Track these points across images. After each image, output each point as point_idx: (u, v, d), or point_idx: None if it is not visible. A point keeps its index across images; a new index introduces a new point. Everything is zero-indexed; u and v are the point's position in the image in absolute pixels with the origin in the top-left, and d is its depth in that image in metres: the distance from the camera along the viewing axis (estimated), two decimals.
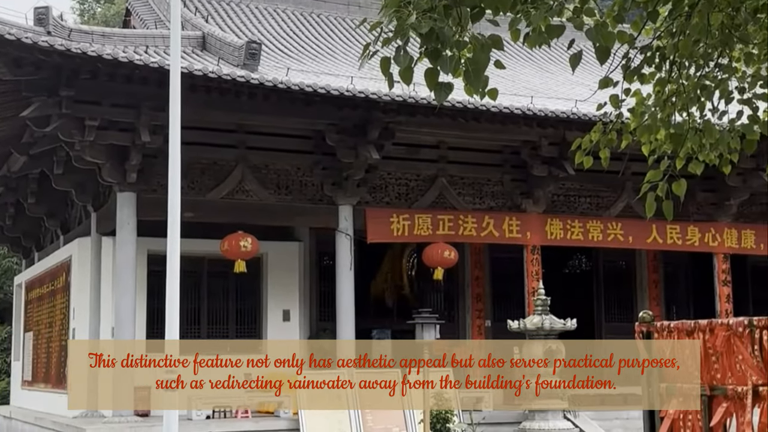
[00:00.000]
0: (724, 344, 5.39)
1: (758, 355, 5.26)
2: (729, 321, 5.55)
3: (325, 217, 16.09)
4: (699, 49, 6.67)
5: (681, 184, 6.71)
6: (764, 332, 5.24)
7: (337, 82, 15.03)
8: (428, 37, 4.87)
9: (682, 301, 20.85)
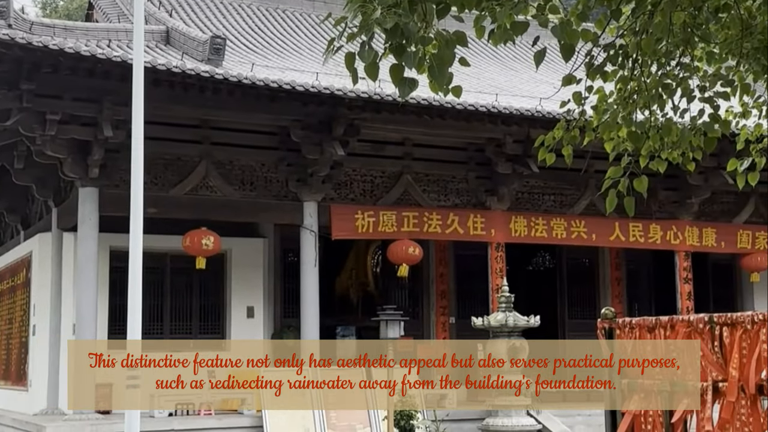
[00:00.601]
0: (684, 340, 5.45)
1: (718, 351, 5.32)
2: (689, 318, 5.61)
3: (289, 213, 16.03)
4: (661, 48, 6.72)
5: (642, 180, 6.78)
6: (724, 328, 5.30)
7: (303, 78, 14.98)
8: (393, 32, 4.85)
9: (644, 299, 21.04)
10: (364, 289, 20.86)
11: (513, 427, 14.21)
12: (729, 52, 7.14)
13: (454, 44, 5.05)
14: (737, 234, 19.04)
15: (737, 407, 5.16)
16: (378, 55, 4.95)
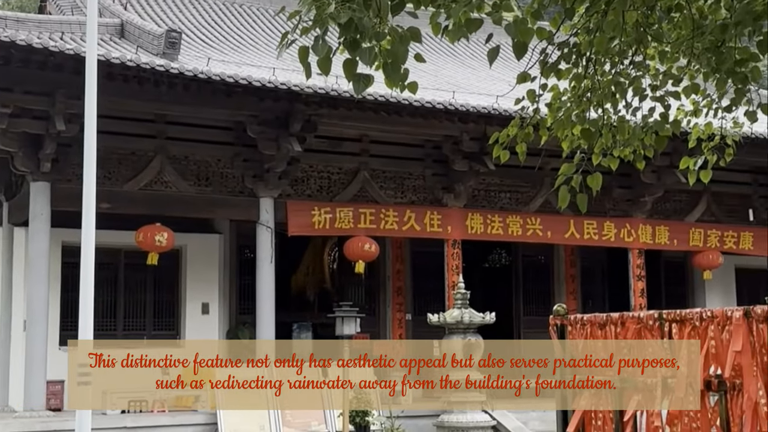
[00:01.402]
0: (634, 337, 5.51)
1: (667, 348, 5.38)
2: (640, 314, 5.67)
3: (245, 209, 15.94)
4: (615, 47, 6.79)
5: (595, 177, 6.84)
6: (673, 325, 5.37)
7: (259, 73, 14.89)
8: (347, 27, 4.84)
9: (598, 296, 21.25)
10: (321, 286, 20.82)
11: (467, 423, 14.27)
12: (680, 51, 7.23)
13: (409, 40, 5.05)
14: (689, 232, 19.30)
15: (685, 403, 5.22)
16: (332, 50, 4.94)
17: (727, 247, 19.57)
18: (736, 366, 4.95)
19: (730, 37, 6.70)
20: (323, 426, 14.37)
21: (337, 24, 4.84)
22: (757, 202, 19.93)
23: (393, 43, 5.06)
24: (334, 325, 13.40)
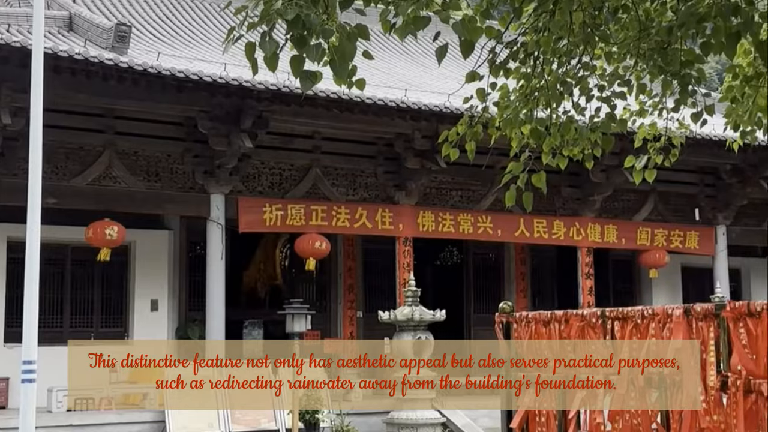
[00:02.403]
0: (578, 334, 5.57)
1: (610, 345, 5.45)
2: (583, 312, 5.74)
3: (196, 205, 15.81)
4: (562, 47, 6.85)
5: (540, 176, 6.89)
6: (615, 323, 5.44)
7: (211, 68, 14.77)
8: (294, 23, 4.82)
9: (547, 293, 21.45)
10: (272, 283, 20.74)
11: (417, 420, 14.29)
12: (627, 52, 7.32)
13: (356, 37, 5.04)
14: (637, 231, 19.56)
15: (626, 400, 5.30)
16: (279, 46, 4.91)
17: (673, 246, 19.87)
18: (674, 363, 5.03)
19: (676, 39, 6.81)
20: (273, 423, 14.32)
21: (284, 20, 4.82)
22: (703, 201, 20.27)
23: (341, 40, 5.05)
24: (285, 322, 13.35)
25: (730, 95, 7.92)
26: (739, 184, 19.84)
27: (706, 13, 5.61)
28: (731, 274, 20.99)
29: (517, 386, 6.07)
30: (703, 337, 4.89)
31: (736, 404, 4.59)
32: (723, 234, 20.22)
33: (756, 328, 4.60)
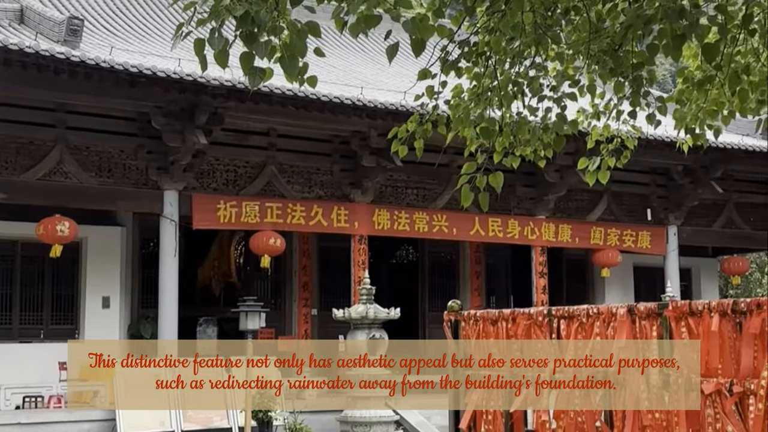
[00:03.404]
0: (525, 333, 5.61)
1: (556, 344, 5.49)
2: (530, 311, 5.77)
3: (148, 202, 15.64)
4: (514, 47, 6.88)
5: (497, 176, 6.91)
6: (561, 321, 5.48)
7: (165, 63, 14.62)
8: (243, 20, 4.79)
9: (502, 292, 21.58)
10: (227, 280, 20.63)
11: (371, 417, 14.28)
12: (578, 53, 7.37)
13: (306, 34, 5.02)
14: (591, 231, 19.75)
15: (572, 398, 5.34)
16: (228, 43, 4.88)
17: (626, 245, 20.09)
18: (619, 362, 5.08)
19: (627, 41, 6.87)
20: (225, 422, 14.24)
21: (233, 16, 4.78)
22: (655, 202, 20.52)
23: (291, 37, 5.03)
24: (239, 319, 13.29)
25: (679, 97, 8.01)
26: (690, 185, 20.13)
27: (652, 16, 5.67)
28: (682, 274, 21.29)
29: (465, 386, 6.09)
30: (646, 336, 4.95)
31: (677, 402, 4.67)
32: (674, 234, 20.50)
33: (697, 327, 4.67)
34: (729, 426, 4.59)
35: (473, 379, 6.03)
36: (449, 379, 6.31)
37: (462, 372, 6.16)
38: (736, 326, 4.67)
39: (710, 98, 7.84)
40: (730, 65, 7.51)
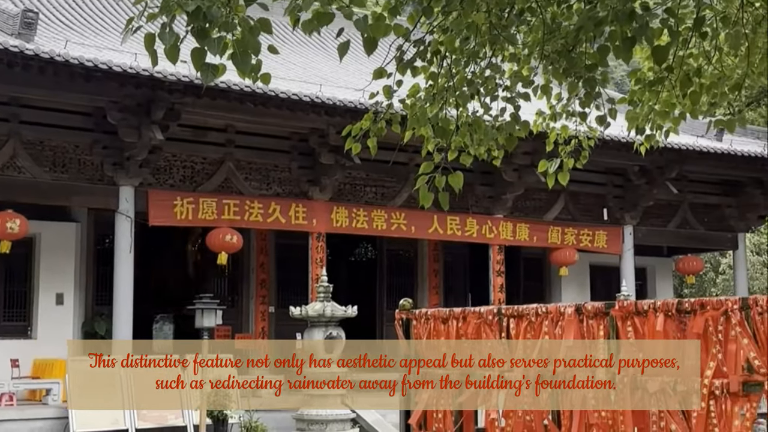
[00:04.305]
0: (474, 331, 5.63)
1: (506, 344, 5.53)
2: (480, 309, 5.80)
3: (104, 197, 15.48)
4: (469, 47, 6.90)
5: (458, 176, 6.92)
6: (511, 320, 5.52)
7: (121, 58, 14.46)
8: (195, 15, 4.75)
9: (459, 290, 21.66)
10: (184, 277, 20.49)
11: (327, 416, 14.27)
12: (533, 54, 7.41)
13: (259, 31, 5.00)
14: (548, 230, 19.90)
15: (520, 398, 5.38)
16: (179, 38, 4.84)
17: (583, 245, 20.27)
18: (567, 360, 5.12)
19: (581, 42, 6.92)
20: (180, 420, 14.13)
21: (184, 12, 4.75)
22: (611, 202, 20.73)
23: (243, 33, 5.00)
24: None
25: (631, 99, 8.10)
26: (646, 185, 20.35)
27: (603, 18, 5.72)
28: (637, 273, 21.53)
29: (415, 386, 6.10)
30: (594, 335, 5.00)
31: (623, 401, 4.72)
32: (630, 234, 20.73)
33: (643, 327, 4.73)
34: (673, 424, 4.66)
35: (423, 378, 6.04)
36: (400, 379, 6.32)
37: (413, 372, 6.17)
38: (680, 326, 4.74)
39: (661, 99, 7.93)
40: (682, 67, 7.61)
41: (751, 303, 4.54)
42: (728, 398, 4.48)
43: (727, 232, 22.48)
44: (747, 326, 4.53)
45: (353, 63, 21.81)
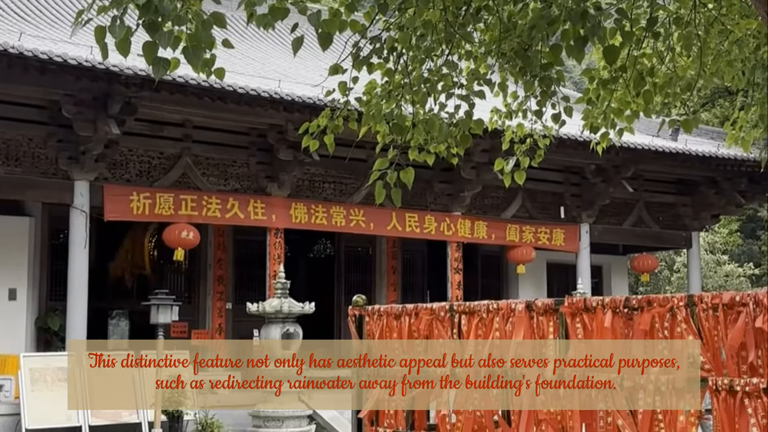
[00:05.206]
0: (427, 328, 5.65)
1: (458, 342, 5.55)
2: (432, 306, 5.82)
3: (58, 192, 15.28)
4: (426, 44, 6.92)
5: (408, 172, 6.95)
6: (463, 316, 5.54)
7: (77, 51, 14.26)
8: (146, 8, 4.71)
9: (418, 287, 21.71)
10: (140, 273, 20.31)
11: (283, 413, 14.27)
12: (490, 52, 7.45)
13: (211, 25, 4.97)
14: (506, 228, 20.00)
15: (470, 396, 5.41)
16: (131, 31, 4.79)
17: (541, 242, 20.41)
18: (517, 358, 5.16)
19: (537, 41, 6.97)
20: (135, 417, 14.02)
21: (136, 5, 4.71)
22: (568, 200, 20.90)
23: (196, 27, 4.97)
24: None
25: (587, 97, 8.17)
26: (602, 183, 20.55)
27: (556, 17, 5.77)
28: (593, 271, 21.74)
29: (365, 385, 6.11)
30: (543, 332, 5.04)
31: (571, 397, 4.77)
32: (586, 232, 20.92)
33: (591, 323, 4.78)
34: (619, 420, 4.71)
35: (375, 376, 6.05)
36: (351, 378, 6.32)
37: (365, 371, 6.17)
38: (628, 323, 4.79)
39: (616, 98, 8.02)
40: (635, 67, 7.70)
41: (697, 300, 4.61)
42: (673, 394, 4.55)
43: (681, 231, 22.78)
44: (692, 323, 4.60)
45: (312, 59, 21.72)
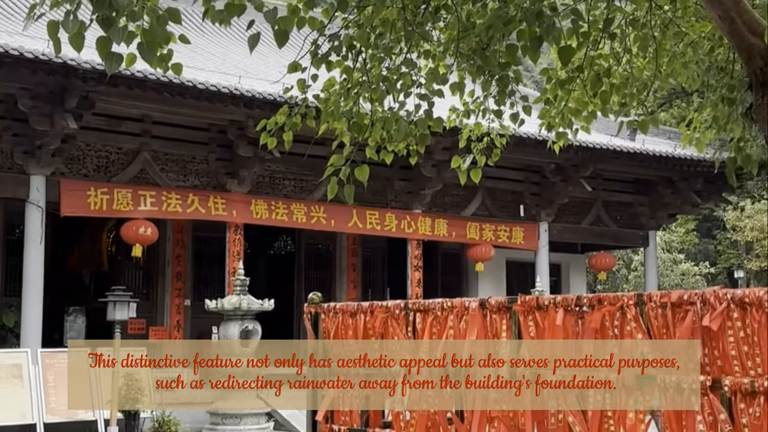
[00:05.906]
0: (382, 325, 5.67)
1: (413, 342, 5.57)
2: (387, 304, 5.84)
3: (13, 186, 15.08)
4: (383, 43, 6.93)
5: (363, 169, 6.96)
6: (417, 314, 5.57)
7: (33, 44, 14.09)
8: (100, 3, 4.67)
9: (378, 285, 21.73)
10: (98, 269, 20.13)
11: (242, 410, 14.21)
12: (448, 51, 7.48)
13: (167, 21, 4.95)
14: (466, 225, 20.09)
15: (424, 395, 5.43)
16: (84, 26, 4.75)
17: (501, 240, 20.53)
18: (470, 358, 5.19)
19: (495, 41, 7.01)
20: (91, 414, 13.87)
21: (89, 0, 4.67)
22: (527, 199, 21.04)
23: (151, 23, 4.93)
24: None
25: (545, 97, 8.23)
26: (561, 182, 20.71)
27: (512, 17, 5.81)
28: (552, 269, 21.90)
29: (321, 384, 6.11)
30: (497, 330, 5.08)
31: (523, 396, 4.81)
32: (545, 230, 21.07)
33: (543, 322, 4.83)
34: (570, 417, 4.76)
35: (330, 376, 6.05)
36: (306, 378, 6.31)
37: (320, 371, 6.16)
38: (579, 321, 4.85)
39: (574, 98, 8.08)
40: (592, 67, 7.77)
41: (646, 299, 4.67)
42: (623, 391, 4.61)
43: (638, 230, 23.04)
44: (641, 321, 4.66)
45: (273, 55, 21.63)
